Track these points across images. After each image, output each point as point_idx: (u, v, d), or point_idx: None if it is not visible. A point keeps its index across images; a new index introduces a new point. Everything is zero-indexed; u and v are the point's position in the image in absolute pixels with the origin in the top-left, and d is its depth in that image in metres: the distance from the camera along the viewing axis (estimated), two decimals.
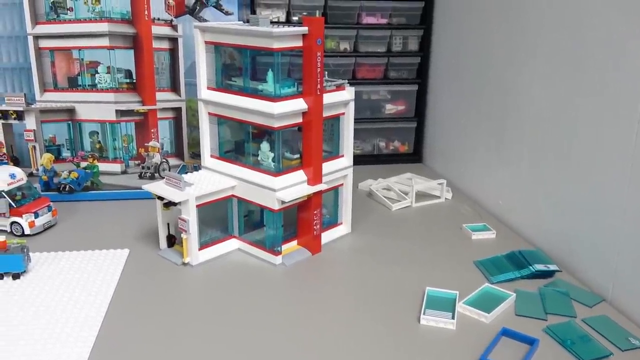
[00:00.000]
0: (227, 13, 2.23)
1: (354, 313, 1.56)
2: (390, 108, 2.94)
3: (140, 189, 2.29)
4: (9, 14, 2.13)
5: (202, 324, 1.49)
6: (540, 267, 1.76)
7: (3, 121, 2.23)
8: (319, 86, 1.74)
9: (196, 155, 2.36)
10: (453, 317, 1.50)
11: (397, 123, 2.95)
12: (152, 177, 2.34)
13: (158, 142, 2.33)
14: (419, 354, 1.39)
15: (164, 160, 2.35)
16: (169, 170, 2.34)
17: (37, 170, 2.28)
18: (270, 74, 1.72)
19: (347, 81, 1.92)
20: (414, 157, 2.99)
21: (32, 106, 2.22)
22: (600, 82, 1.68)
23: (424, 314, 1.52)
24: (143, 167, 2.35)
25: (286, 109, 1.71)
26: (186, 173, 1.89)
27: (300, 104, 1.75)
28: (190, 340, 1.42)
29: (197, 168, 2.32)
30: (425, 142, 2.96)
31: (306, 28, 1.68)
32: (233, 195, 1.87)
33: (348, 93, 1.91)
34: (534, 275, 1.74)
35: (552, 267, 1.77)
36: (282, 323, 1.51)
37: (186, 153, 2.37)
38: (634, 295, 1.57)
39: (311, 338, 1.44)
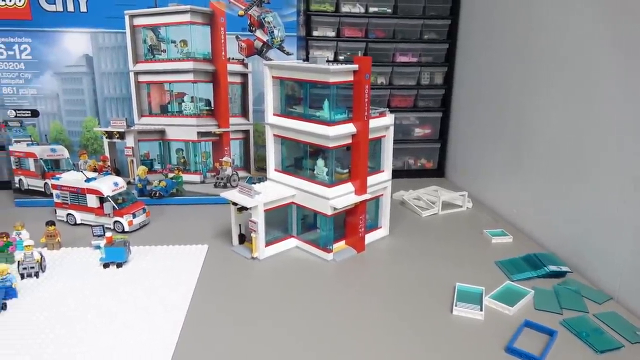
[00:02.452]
0: (287, 53, 2.23)
1: (393, 302, 1.51)
2: (418, 131, 2.89)
3: (215, 196, 2.31)
4: (116, 54, 2.17)
5: (269, 308, 1.47)
6: (553, 267, 1.68)
7: (109, 140, 2.26)
8: (366, 113, 1.71)
9: (261, 169, 2.35)
10: (481, 309, 1.44)
11: (423, 144, 2.89)
12: (224, 187, 2.34)
13: (230, 157, 2.33)
14: (453, 339, 1.33)
15: (235, 172, 2.35)
16: (239, 181, 2.34)
17: (134, 179, 2.30)
18: (326, 102, 1.70)
19: (387, 109, 1.88)
20: (437, 172, 2.92)
21: (132, 128, 2.25)
22: (607, 108, 1.60)
23: (455, 305, 1.46)
24: (217, 178, 2.35)
25: (339, 132, 1.69)
26: (252, 183, 1.87)
27: (350, 128, 1.72)
28: (261, 321, 1.40)
29: (261, 180, 2.32)
30: (448, 159, 2.89)
31: (357, 65, 1.66)
32: (293, 202, 1.85)
33: (389, 119, 1.87)
34: (548, 275, 1.66)
35: (564, 268, 1.68)
36: (332, 309, 1.47)
37: (252, 167, 2.36)
38: (639, 294, 1.48)
39: (357, 323, 1.40)
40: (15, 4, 2.07)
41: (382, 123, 1.84)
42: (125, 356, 1.22)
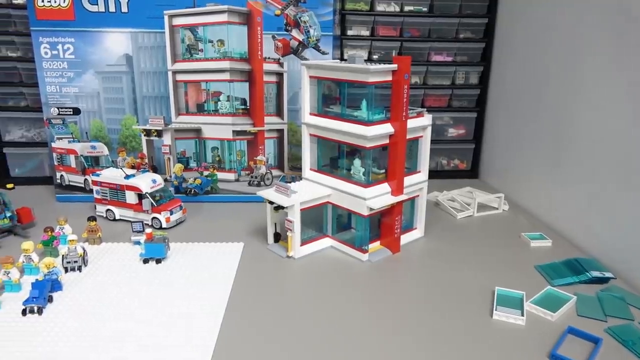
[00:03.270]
0: (323, 53, 2.23)
1: (430, 305, 1.49)
2: (452, 132, 2.85)
3: (249, 194, 2.34)
4: (155, 54, 2.20)
5: (306, 307, 1.47)
6: (596, 273, 1.63)
7: (147, 137, 2.30)
8: (404, 113, 1.70)
9: (294, 167, 2.36)
10: (522, 314, 1.42)
11: (457, 144, 2.86)
12: (258, 185, 2.36)
13: (264, 156, 2.34)
14: (494, 345, 1.31)
15: (268, 171, 2.37)
16: (272, 180, 2.36)
17: (170, 177, 2.34)
18: (364, 102, 1.69)
19: (425, 109, 1.87)
20: (471, 173, 2.88)
21: (169, 126, 2.29)
22: None
23: (496, 309, 1.44)
24: (251, 177, 2.37)
25: (377, 132, 1.68)
26: (286, 182, 1.88)
27: (388, 128, 1.71)
28: (298, 320, 1.40)
29: (294, 179, 2.33)
30: (482, 160, 2.85)
31: (396, 65, 1.65)
32: (328, 202, 1.85)
33: (426, 119, 1.85)
34: (590, 281, 1.62)
35: (608, 275, 1.64)
36: (368, 310, 1.46)
37: (286, 166, 2.38)
38: None
39: (394, 325, 1.39)
40: (59, 5, 2.12)
41: (420, 123, 1.82)
42: (166, 350, 1.24)
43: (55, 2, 2.12)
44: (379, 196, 1.76)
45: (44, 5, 2.12)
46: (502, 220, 2.19)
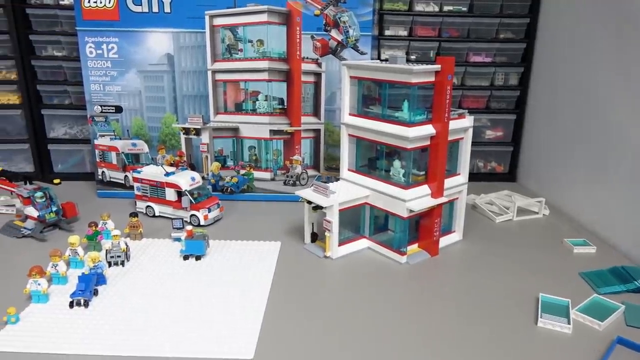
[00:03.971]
0: (362, 53, 2.22)
1: (471, 311, 1.47)
2: (489, 134, 2.80)
3: (285, 193, 2.35)
4: (195, 53, 2.24)
5: (344, 308, 1.47)
6: None
7: (185, 136, 2.34)
8: (446, 115, 1.68)
9: (330, 168, 2.36)
10: (569, 322, 1.38)
11: (495, 146, 2.80)
12: (294, 185, 2.37)
13: (300, 156, 2.35)
14: (540, 353, 1.28)
15: (304, 171, 2.37)
16: (308, 180, 2.36)
17: (208, 175, 2.37)
18: (406, 103, 1.68)
19: (467, 111, 1.84)
20: (508, 176, 2.82)
21: (207, 125, 2.32)
22: None
23: (541, 317, 1.40)
24: (287, 176, 2.38)
25: (419, 133, 1.66)
26: (322, 182, 1.88)
27: (430, 130, 1.69)
28: (336, 320, 1.40)
29: (329, 179, 2.32)
30: (520, 163, 2.79)
31: (439, 66, 1.63)
32: (366, 203, 1.84)
33: (468, 121, 1.83)
34: (638, 290, 1.57)
35: None
36: (406, 314, 1.45)
37: (322, 166, 2.38)
38: None
39: (432, 330, 1.37)
40: (105, 5, 2.18)
41: (461, 125, 1.80)
42: (208, 348, 1.26)
43: (101, 3, 2.18)
44: (419, 198, 1.74)
45: (90, 6, 2.18)
46: (542, 225, 2.14)
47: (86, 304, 1.41)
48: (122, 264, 1.67)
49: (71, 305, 1.41)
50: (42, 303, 1.42)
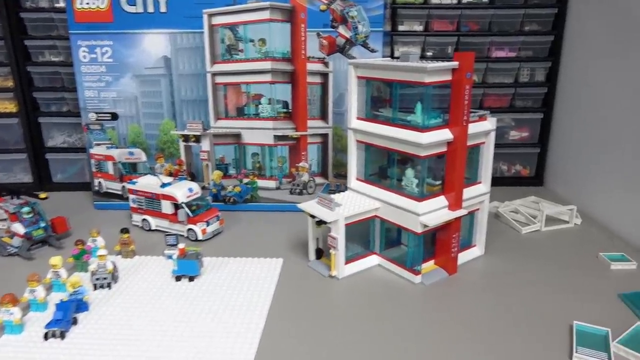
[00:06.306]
0: (372, 50, 2.05)
1: (494, 340, 1.30)
2: (514, 134, 2.60)
3: (291, 203, 2.20)
4: (193, 55, 2.11)
5: (348, 335, 1.32)
6: None
7: (185, 143, 2.21)
8: (465, 117, 1.50)
9: (339, 175, 2.21)
10: (610, 358, 1.19)
11: (519, 148, 2.60)
12: (300, 193, 2.22)
13: (307, 163, 2.20)
14: None
15: (311, 179, 2.22)
16: (315, 188, 2.21)
17: (209, 184, 2.24)
18: (419, 105, 1.51)
19: (488, 112, 1.66)
20: (535, 180, 2.62)
21: (208, 131, 2.19)
22: None
23: (576, 351, 1.22)
24: (293, 184, 2.23)
25: (433, 139, 1.49)
26: (330, 191, 1.73)
27: (446, 134, 1.52)
28: (339, 349, 1.25)
29: (338, 187, 2.17)
30: (548, 166, 2.58)
31: (457, 63, 1.46)
32: (376, 216, 1.68)
33: (490, 123, 1.65)
34: None
35: None
36: (419, 343, 1.29)
37: (330, 173, 2.22)
38: None
39: None
40: (98, 6, 2.07)
41: (482, 128, 1.62)
42: None
43: (93, 4, 2.06)
44: (435, 211, 1.57)
45: (82, 8, 2.07)
46: (574, 237, 1.94)
47: (62, 336, 1.29)
48: (109, 286, 1.55)
49: (46, 337, 1.29)
50: (15, 334, 1.30)
